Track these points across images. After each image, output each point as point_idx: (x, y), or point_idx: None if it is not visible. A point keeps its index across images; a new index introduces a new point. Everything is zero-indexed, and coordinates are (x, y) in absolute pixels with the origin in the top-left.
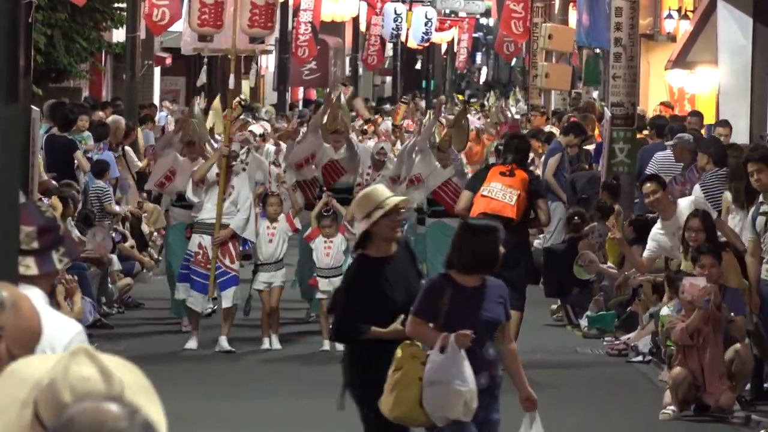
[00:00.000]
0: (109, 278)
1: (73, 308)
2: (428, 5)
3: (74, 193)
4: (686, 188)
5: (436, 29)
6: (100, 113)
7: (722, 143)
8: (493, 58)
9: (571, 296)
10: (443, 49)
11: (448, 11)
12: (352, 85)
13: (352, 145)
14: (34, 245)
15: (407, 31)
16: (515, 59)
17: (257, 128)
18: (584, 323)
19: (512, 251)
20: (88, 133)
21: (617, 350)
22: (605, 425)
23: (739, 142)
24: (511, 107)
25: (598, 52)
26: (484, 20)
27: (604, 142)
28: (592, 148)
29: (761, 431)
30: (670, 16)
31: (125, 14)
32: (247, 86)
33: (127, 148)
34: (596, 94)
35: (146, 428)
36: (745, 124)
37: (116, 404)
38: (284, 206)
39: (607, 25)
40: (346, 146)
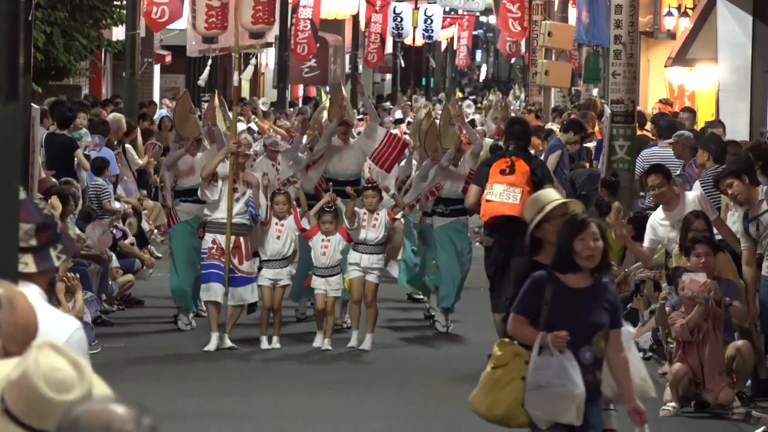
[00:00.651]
0: (108, 275)
1: (74, 306)
2: (432, 2)
3: (74, 190)
4: (686, 188)
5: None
6: (103, 111)
7: (723, 140)
8: (493, 55)
9: None
10: (443, 46)
11: (447, 9)
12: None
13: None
14: (32, 242)
15: (414, 30)
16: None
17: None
18: None
19: (519, 245)
20: (85, 130)
21: None
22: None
23: (738, 139)
24: (512, 103)
25: (597, 49)
26: (483, 18)
27: (603, 139)
28: (592, 145)
29: (761, 428)
30: (669, 13)
31: (125, 12)
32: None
33: (127, 145)
34: (596, 91)
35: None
36: (744, 121)
37: (123, 406)
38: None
39: (606, 22)
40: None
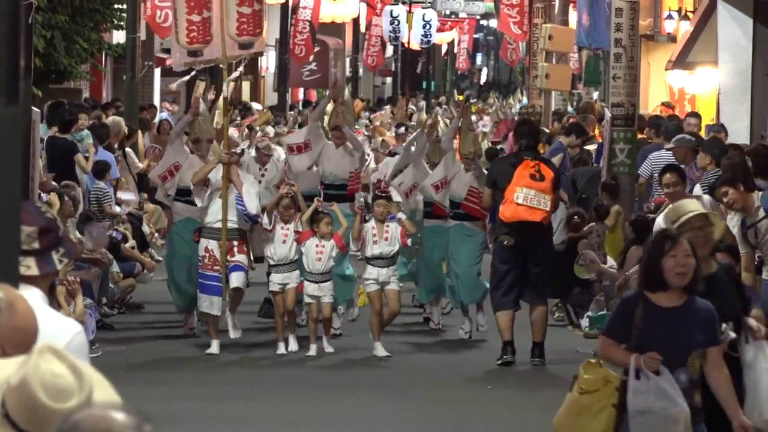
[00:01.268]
0: (109, 279)
1: (75, 309)
2: (428, 7)
3: (75, 194)
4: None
5: (436, 30)
6: (103, 114)
7: (725, 144)
8: (493, 59)
9: (571, 296)
10: (443, 50)
11: (448, 12)
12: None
13: (352, 136)
14: (35, 245)
15: (408, 33)
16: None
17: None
18: (585, 323)
19: (538, 247)
20: (87, 132)
21: None
22: None
23: (739, 142)
24: (514, 105)
25: (598, 52)
26: (484, 21)
27: (604, 142)
28: (593, 148)
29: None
30: (670, 16)
31: (125, 15)
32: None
33: (128, 149)
34: (596, 94)
35: None
36: (745, 124)
37: (124, 413)
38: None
39: (607, 25)
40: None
